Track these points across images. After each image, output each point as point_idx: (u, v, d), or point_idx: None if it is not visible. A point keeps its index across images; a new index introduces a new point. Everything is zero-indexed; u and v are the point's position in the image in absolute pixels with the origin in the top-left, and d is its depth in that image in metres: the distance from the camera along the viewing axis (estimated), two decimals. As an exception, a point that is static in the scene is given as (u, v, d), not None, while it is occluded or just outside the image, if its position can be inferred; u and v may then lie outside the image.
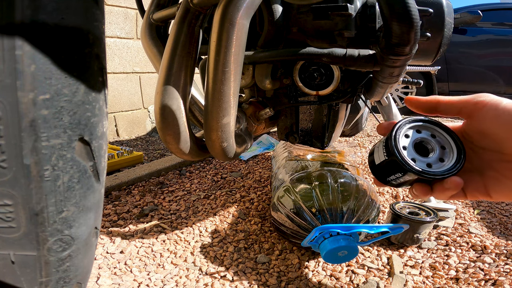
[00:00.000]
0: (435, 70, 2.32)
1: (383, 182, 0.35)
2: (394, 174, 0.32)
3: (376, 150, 0.35)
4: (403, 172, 0.31)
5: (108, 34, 1.82)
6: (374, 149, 0.36)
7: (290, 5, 0.55)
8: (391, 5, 0.38)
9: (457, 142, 0.31)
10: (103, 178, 0.37)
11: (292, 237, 0.69)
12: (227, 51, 0.40)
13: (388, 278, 0.65)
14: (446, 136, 0.32)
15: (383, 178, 0.34)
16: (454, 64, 2.77)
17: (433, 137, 0.33)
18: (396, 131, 0.32)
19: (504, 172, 0.29)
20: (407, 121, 0.33)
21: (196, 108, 0.63)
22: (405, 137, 0.32)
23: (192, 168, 1.33)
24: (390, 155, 0.32)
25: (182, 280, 0.64)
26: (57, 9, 0.28)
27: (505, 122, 0.27)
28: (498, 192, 0.30)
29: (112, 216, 0.89)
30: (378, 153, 0.34)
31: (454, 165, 0.30)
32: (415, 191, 0.32)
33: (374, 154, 0.35)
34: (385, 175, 0.34)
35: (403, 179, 0.32)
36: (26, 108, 0.28)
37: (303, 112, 0.71)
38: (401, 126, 0.32)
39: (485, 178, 0.31)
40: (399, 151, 0.31)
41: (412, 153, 0.31)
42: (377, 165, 0.34)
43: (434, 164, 0.31)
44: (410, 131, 0.33)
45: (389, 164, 0.32)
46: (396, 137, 0.31)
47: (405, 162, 0.30)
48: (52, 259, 0.33)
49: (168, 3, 0.63)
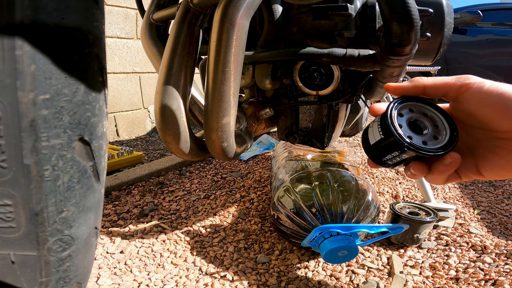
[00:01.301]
0: (435, 70, 2.31)
1: (378, 162, 0.34)
2: (391, 153, 0.32)
3: (370, 131, 0.34)
4: (401, 151, 0.31)
5: (108, 34, 1.82)
6: (368, 129, 0.35)
7: (290, 5, 0.55)
8: (391, 5, 0.38)
9: (449, 119, 0.32)
10: (103, 178, 0.37)
11: (292, 237, 0.69)
12: (227, 51, 0.40)
13: (388, 278, 0.65)
14: (438, 114, 0.32)
15: (378, 158, 0.34)
16: (454, 64, 2.77)
17: (425, 115, 0.33)
18: (391, 110, 0.32)
19: (494, 149, 0.30)
20: (400, 100, 0.33)
21: (196, 108, 0.63)
22: (400, 116, 0.32)
23: (192, 168, 1.33)
24: (386, 133, 0.31)
25: (182, 280, 0.64)
26: (57, 9, 0.28)
27: (490, 104, 0.28)
28: (488, 170, 0.30)
29: (112, 216, 0.89)
30: (373, 133, 0.34)
31: (449, 141, 0.30)
32: (413, 170, 0.32)
33: (369, 134, 0.35)
34: (381, 154, 0.33)
35: (399, 157, 0.31)
36: (26, 108, 0.28)
37: (303, 112, 0.71)
38: (396, 105, 0.32)
39: (476, 157, 0.31)
40: (396, 128, 0.30)
41: (407, 131, 0.31)
42: (372, 145, 0.34)
43: (429, 141, 0.31)
44: (403, 110, 0.33)
45: (386, 143, 0.32)
46: (391, 115, 0.31)
47: (404, 140, 0.30)
48: (52, 259, 0.33)
49: (168, 3, 0.63)
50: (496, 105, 0.28)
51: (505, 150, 0.29)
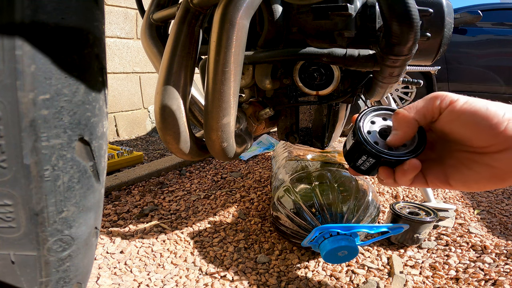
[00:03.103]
0: (435, 70, 2.31)
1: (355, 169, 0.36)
2: (361, 157, 0.33)
3: (347, 138, 0.37)
4: (367, 154, 0.32)
5: (108, 34, 1.82)
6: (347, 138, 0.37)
7: (290, 5, 0.55)
8: (391, 5, 0.38)
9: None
10: (103, 178, 0.37)
11: (292, 237, 0.69)
12: (227, 51, 0.40)
13: (388, 278, 0.65)
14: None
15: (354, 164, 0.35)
16: (454, 64, 2.77)
17: None
18: (362, 115, 0.34)
19: (466, 162, 0.30)
20: (373, 109, 0.35)
21: (196, 108, 0.63)
22: (371, 123, 0.34)
23: (192, 168, 1.33)
24: (355, 138, 0.33)
25: (182, 280, 0.64)
26: (57, 9, 0.28)
27: (463, 124, 0.28)
28: (458, 180, 0.31)
29: (112, 216, 0.89)
30: (348, 140, 0.36)
31: (415, 149, 0.32)
32: (380, 175, 0.33)
33: (346, 141, 0.37)
34: (354, 159, 0.35)
35: (369, 162, 0.33)
36: (26, 108, 0.28)
37: (303, 112, 0.71)
38: (367, 112, 0.35)
39: (445, 166, 0.32)
40: (362, 132, 0.33)
41: (375, 137, 0.33)
42: (348, 151, 0.36)
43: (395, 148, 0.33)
44: (376, 118, 0.35)
45: (355, 147, 0.34)
46: (361, 120, 0.34)
47: (367, 142, 0.32)
48: (52, 259, 0.33)
49: (168, 3, 0.63)
50: (469, 125, 0.28)
51: (477, 163, 0.29)
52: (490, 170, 0.28)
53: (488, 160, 0.28)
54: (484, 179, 0.29)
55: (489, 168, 0.28)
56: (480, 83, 2.74)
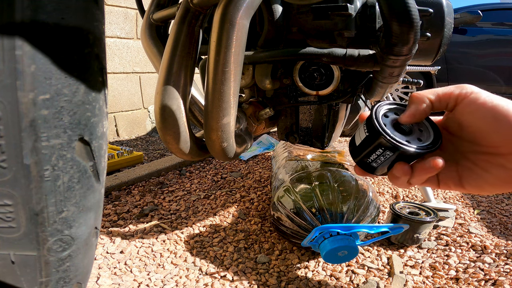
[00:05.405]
0: (435, 70, 2.31)
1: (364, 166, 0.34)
2: (375, 151, 0.31)
3: (357, 133, 0.35)
4: (384, 147, 0.30)
5: (108, 34, 1.82)
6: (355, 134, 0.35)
7: (290, 5, 0.55)
8: (391, 5, 0.38)
9: (433, 125, 0.32)
10: (103, 178, 0.37)
11: (292, 237, 0.69)
12: (227, 51, 0.40)
13: (388, 278, 0.65)
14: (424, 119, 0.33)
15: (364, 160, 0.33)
16: (454, 64, 2.77)
17: None
18: (377, 108, 0.32)
19: (479, 163, 0.30)
20: (386, 103, 0.33)
21: (196, 108, 0.63)
22: (385, 117, 0.32)
23: (192, 168, 1.32)
24: (371, 130, 0.31)
25: (182, 280, 0.64)
26: (57, 9, 0.28)
27: (482, 116, 0.28)
28: (471, 183, 0.30)
29: (112, 216, 0.89)
30: (359, 135, 0.34)
31: (432, 143, 0.30)
32: (395, 171, 0.31)
33: (355, 137, 0.35)
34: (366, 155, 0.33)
35: (383, 157, 0.31)
36: (26, 108, 0.28)
37: (303, 112, 0.71)
38: (381, 105, 0.33)
39: (459, 168, 0.31)
40: (380, 124, 0.31)
41: (392, 131, 0.31)
42: (358, 146, 0.34)
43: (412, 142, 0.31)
44: (389, 112, 0.33)
45: (370, 140, 0.32)
46: (377, 113, 0.32)
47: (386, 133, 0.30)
48: (52, 259, 0.33)
49: (168, 3, 0.63)
50: (488, 118, 0.27)
51: (492, 165, 0.29)
52: (506, 172, 0.28)
53: (504, 162, 0.28)
54: (500, 182, 0.28)
55: (505, 170, 0.28)
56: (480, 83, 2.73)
